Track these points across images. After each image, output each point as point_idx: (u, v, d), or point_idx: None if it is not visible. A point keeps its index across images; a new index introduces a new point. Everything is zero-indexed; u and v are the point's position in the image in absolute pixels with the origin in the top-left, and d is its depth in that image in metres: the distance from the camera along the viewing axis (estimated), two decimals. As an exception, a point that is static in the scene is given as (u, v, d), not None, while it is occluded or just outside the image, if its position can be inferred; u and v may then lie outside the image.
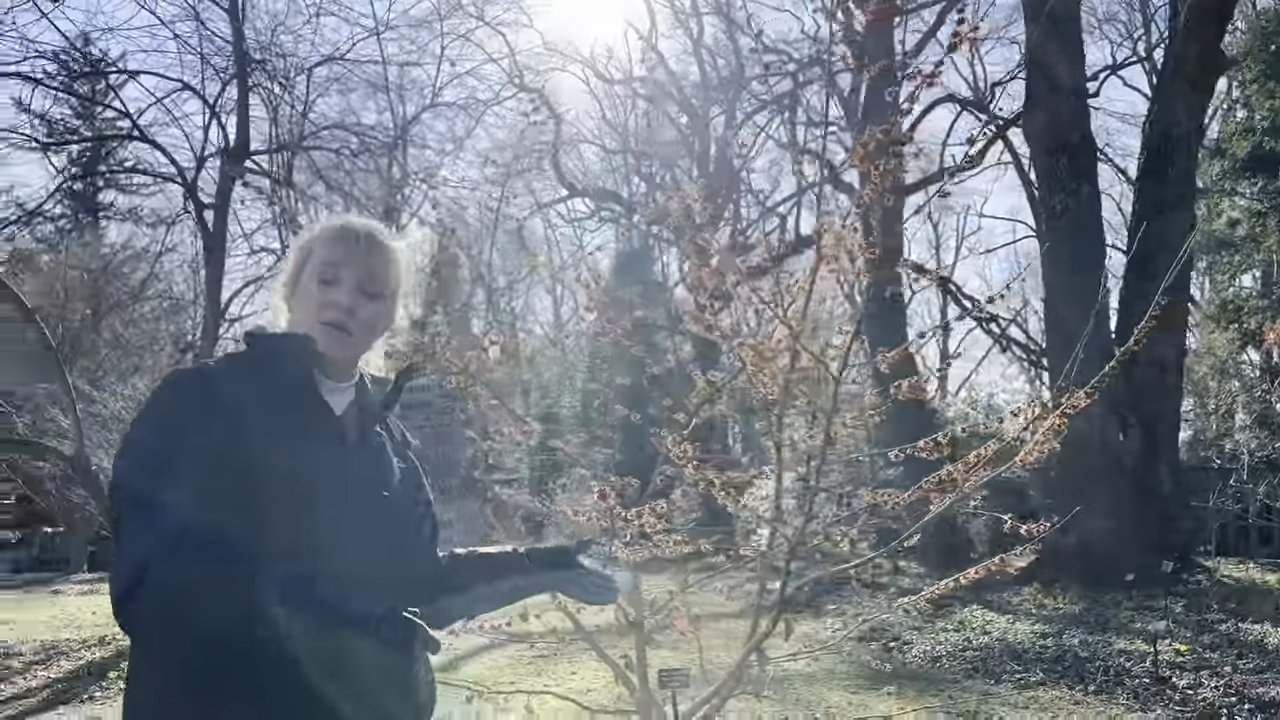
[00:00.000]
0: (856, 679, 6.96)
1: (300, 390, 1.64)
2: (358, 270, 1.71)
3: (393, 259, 1.78)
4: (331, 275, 1.69)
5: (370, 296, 1.73)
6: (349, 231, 1.72)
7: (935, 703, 6.04)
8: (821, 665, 7.45)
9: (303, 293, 1.70)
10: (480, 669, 7.73)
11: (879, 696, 6.33)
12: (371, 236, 1.74)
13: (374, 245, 1.74)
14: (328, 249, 1.70)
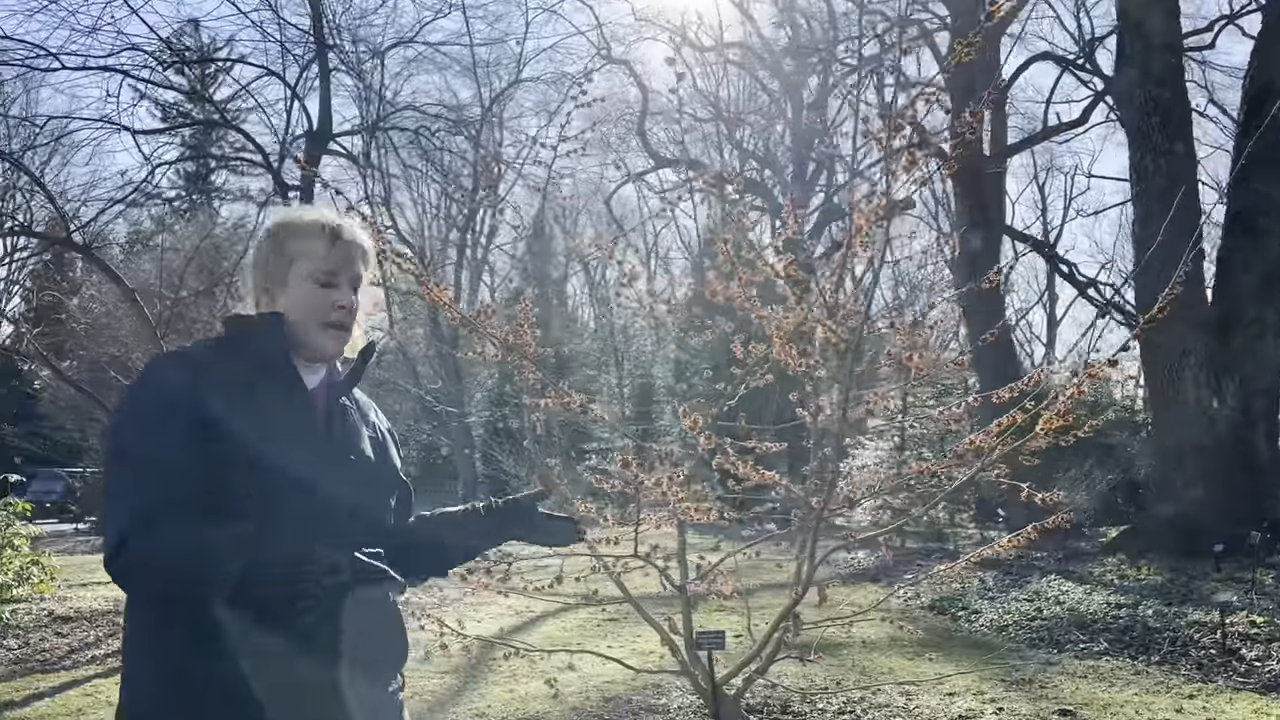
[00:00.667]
0: (919, 646, 6.97)
1: (278, 369, 1.79)
2: (350, 272, 1.86)
3: (370, 254, 1.94)
4: (329, 280, 1.83)
5: (356, 291, 1.89)
6: (342, 236, 1.84)
7: (991, 670, 6.02)
8: (885, 632, 7.47)
9: (295, 292, 1.81)
10: (553, 629, 7.99)
11: (936, 663, 6.34)
12: (356, 238, 1.88)
13: (359, 246, 1.89)
14: (323, 252, 1.81)
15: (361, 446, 1.88)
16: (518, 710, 5.26)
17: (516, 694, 5.61)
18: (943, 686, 5.61)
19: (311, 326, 1.81)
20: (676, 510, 3.97)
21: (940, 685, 5.64)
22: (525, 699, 5.52)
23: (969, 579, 10.00)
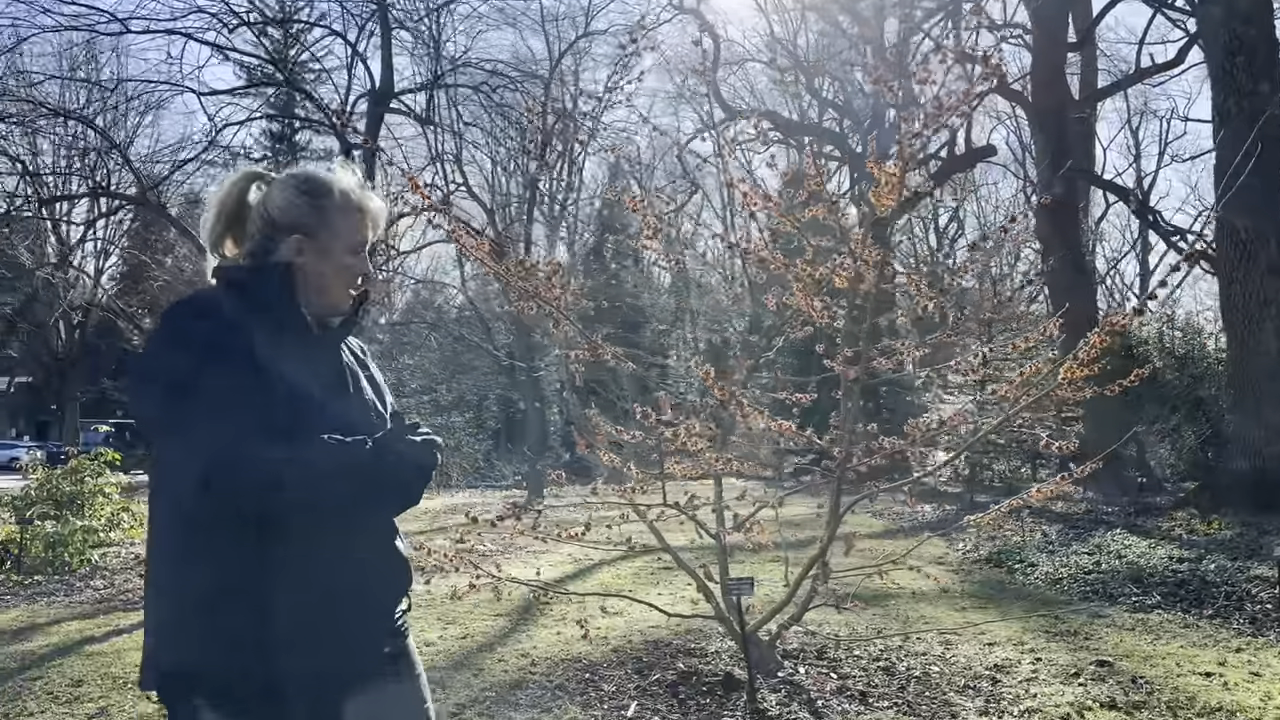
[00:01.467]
0: (969, 598, 6.97)
1: (290, 315, 1.91)
2: (370, 240, 2.02)
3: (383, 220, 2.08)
4: (363, 248, 1.98)
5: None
6: (377, 216, 1.98)
7: (1036, 622, 6.00)
8: (938, 584, 7.48)
9: (328, 254, 1.92)
10: (608, 576, 8.17)
11: (984, 614, 6.34)
12: (380, 210, 2.01)
13: (382, 215, 2.03)
14: (363, 225, 1.96)
15: (362, 385, 2.01)
16: (562, 651, 5.44)
17: (563, 636, 5.80)
18: (984, 636, 5.63)
19: (339, 290, 1.96)
20: (701, 461, 4.06)
21: (981, 635, 5.67)
22: (570, 640, 5.70)
23: (1031, 532, 9.90)
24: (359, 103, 11.01)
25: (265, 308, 1.85)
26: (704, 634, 5.67)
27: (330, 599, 1.78)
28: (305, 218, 1.91)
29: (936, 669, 4.96)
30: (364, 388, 2.00)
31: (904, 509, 13.94)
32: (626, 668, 5.12)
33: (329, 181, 1.96)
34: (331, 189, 1.95)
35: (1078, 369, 3.39)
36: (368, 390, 2.01)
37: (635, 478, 4.14)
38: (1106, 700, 4.36)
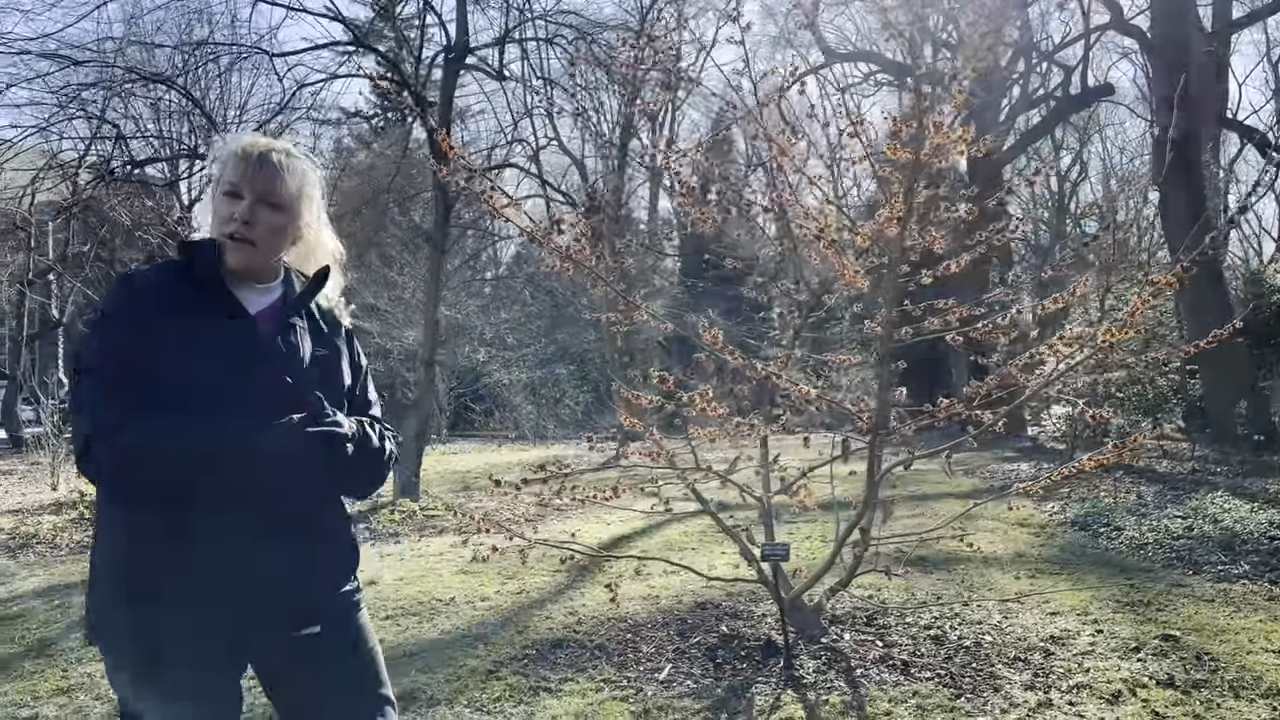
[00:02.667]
0: (1044, 562, 6.70)
1: (210, 289, 1.94)
2: (257, 186, 1.98)
3: (287, 172, 2.03)
4: (235, 190, 1.97)
5: (272, 207, 2.00)
6: (247, 152, 1.98)
7: (1108, 591, 5.73)
8: (1012, 548, 7.23)
9: (213, 206, 1.99)
10: (675, 533, 8.16)
11: (1054, 580, 6.09)
12: (267, 154, 2.00)
13: (266, 163, 1.99)
14: (231, 168, 1.98)
15: (301, 362, 2.00)
16: (610, 610, 5.45)
17: (617, 594, 5.80)
18: (1047, 605, 5.41)
19: (217, 235, 1.96)
20: (728, 427, 3.96)
21: (1045, 603, 5.44)
22: (621, 599, 5.70)
23: (1126, 493, 9.46)
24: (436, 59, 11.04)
25: (196, 279, 1.92)
26: (755, 596, 5.60)
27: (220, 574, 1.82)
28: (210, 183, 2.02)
29: (990, 638, 4.79)
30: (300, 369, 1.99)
31: (999, 466, 13.53)
32: (670, 629, 5.10)
33: (231, 138, 2.04)
34: (226, 143, 2.01)
35: (1119, 331, 3.15)
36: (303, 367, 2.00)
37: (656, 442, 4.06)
38: (1164, 677, 4.13)
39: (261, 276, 2.01)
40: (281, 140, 2.08)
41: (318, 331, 2.08)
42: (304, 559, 1.94)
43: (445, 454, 19.88)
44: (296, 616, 1.95)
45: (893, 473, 4.52)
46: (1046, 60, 26.32)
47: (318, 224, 2.12)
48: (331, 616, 2.01)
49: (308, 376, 1.98)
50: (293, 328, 2.02)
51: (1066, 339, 3.63)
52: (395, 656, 4.81)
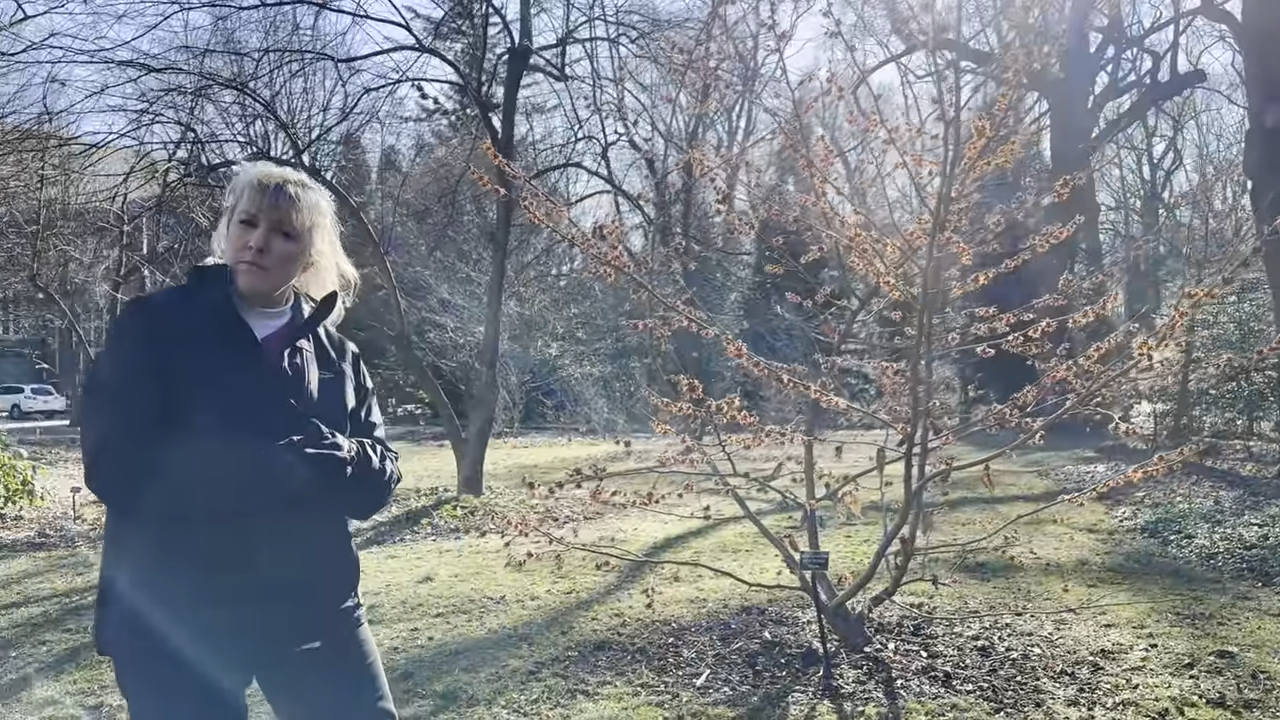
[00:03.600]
0: (1107, 571, 6.52)
1: (220, 313, 2.01)
2: (271, 215, 2.05)
3: (302, 204, 2.11)
4: (251, 219, 2.04)
5: (286, 237, 2.07)
6: (263, 183, 2.05)
7: (1169, 602, 5.55)
8: (1075, 555, 7.06)
9: (229, 232, 2.06)
10: (730, 534, 8.15)
11: (1114, 590, 5.93)
12: (283, 186, 2.07)
13: (282, 194, 2.07)
14: (247, 197, 2.05)
15: (306, 386, 2.06)
16: (656, 612, 5.47)
17: (663, 595, 5.82)
18: (1103, 617, 5.27)
19: (231, 262, 2.04)
20: (761, 432, 3.94)
21: (1101, 615, 5.30)
22: (667, 601, 5.73)
23: (1203, 498, 9.14)
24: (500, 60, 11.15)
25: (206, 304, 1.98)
26: (802, 601, 5.56)
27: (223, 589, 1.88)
28: (224, 202, 2.10)
29: (1038, 651, 4.68)
30: (306, 392, 2.04)
31: (1075, 468, 13.19)
32: (713, 634, 5.10)
33: (246, 166, 2.10)
34: (241, 172, 2.08)
35: (1154, 345, 3.06)
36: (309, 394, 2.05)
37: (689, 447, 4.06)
38: (1215, 696, 4.00)
39: (271, 302, 2.08)
40: (295, 171, 2.16)
41: (324, 355, 2.15)
42: (306, 576, 2.00)
43: (516, 448, 20.13)
44: (298, 633, 2.01)
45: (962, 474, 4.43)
46: (1135, 46, 25.46)
47: (330, 251, 2.20)
48: (332, 632, 2.07)
49: (312, 399, 2.04)
50: (299, 351, 2.08)
51: (1096, 349, 3.53)
52: (441, 655, 4.91)
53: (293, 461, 1.84)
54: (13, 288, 30.68)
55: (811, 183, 3.75)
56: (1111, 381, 3.44)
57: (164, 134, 13.62)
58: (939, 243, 3.30)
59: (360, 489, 2.03)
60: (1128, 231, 40.90)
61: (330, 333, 2.20)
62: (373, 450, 2.06)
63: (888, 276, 3.63)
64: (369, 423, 2.21)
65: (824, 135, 3.88)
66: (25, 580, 7.13)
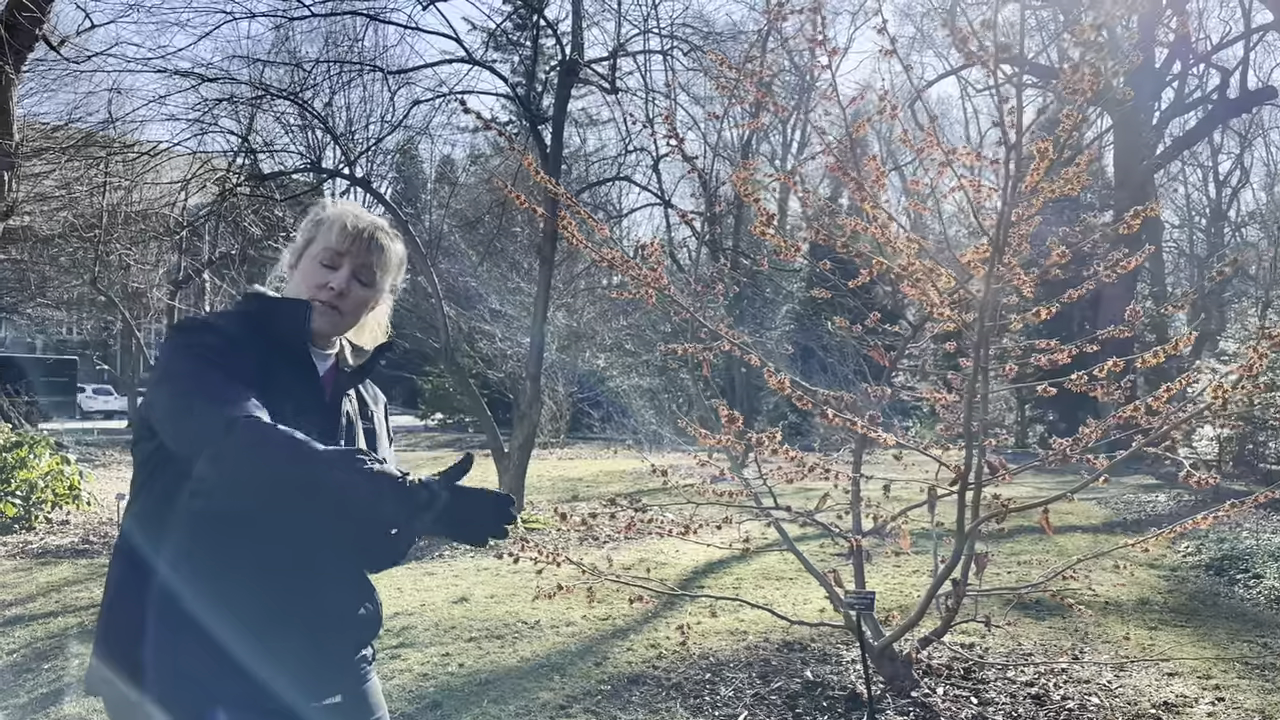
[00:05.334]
0: (1170, 612, 6.21)
1: (296, 349, 1.91)
2: (355, 260, 1.98)
3: (387, 256, 2.04)
4: (332, 261, 1.96)
5: (363, 284, 1.99)
6: (357, 228, 1.97)
7: (1237, 649, 5.24)
8: (1135, 593, 6.74)
9: (305, 268, 1.97)
10: (772, 560, 7.93)
11: (1178, 634, 5.63)
12: (374, 234, 2.00)
13: (374, 242, 2.01)
14: (334, 238, 1.96)
15: (356, 435, 2.00)
16: (693, 644, 5.29)
17: (700, 627, 5.64)
18: (1167, 664, 4.98)
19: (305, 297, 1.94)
20: (805, 467, 3.76)
21: (1164, 662, 5.02)
22: (705, 633, 5.54)
23: (1272, 533, 8.73)
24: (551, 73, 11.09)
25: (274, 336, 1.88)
26: (847, 638, 5.35)
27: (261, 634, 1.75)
28: (301, 235, 2.02)
29: (1095, 700, 4.43)
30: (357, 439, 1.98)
31: (1135, 496, 12.75)
32: (752, 670, 4.91)
33: (332, 204, 2.03)
34: (328, 208, 2.01)
35: (1230, 389, 2.83)
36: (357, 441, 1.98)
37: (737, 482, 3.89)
38: (1290, 763, 3.73)
39: (325, 344, 2.00)
40: (382, 219, 2.09)
41: (363, 405, 2.09)
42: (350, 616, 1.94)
43: (561, 459, 20.07)
44: (324, 682, 1.89)
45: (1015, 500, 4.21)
46: (1203, 62, 24.81)
47: (388, 304, 2.15)
48: (352, 684, 1.97)
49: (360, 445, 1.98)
50: (347, 398, 2.00)
51: (1174, 389, 3.30)
52: (472, 684, 4.78)
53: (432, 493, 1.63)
54: (76, 291, 31.34)
55: (862, 206, 3.56)
56: (1182, 423, 3.20)
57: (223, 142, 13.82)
58: (997, 272, 3.10)
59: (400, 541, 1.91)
60: (1192, 251, 39.91)
61: (367, 383, 2.14)
62: None
63: (942, 307, 3.43)
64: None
65: (876, 155, 3.69)
66: (65, 588, 7.14)
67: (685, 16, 14.57)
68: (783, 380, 3.21)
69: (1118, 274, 3.75)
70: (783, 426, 4.01)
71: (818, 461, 3.59)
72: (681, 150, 4.95)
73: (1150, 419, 3.52)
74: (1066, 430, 8.13)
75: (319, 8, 9.95)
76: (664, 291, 4.15)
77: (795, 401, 3.33)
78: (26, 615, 6.36)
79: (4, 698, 4.77)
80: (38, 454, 9.93)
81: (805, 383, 4.10)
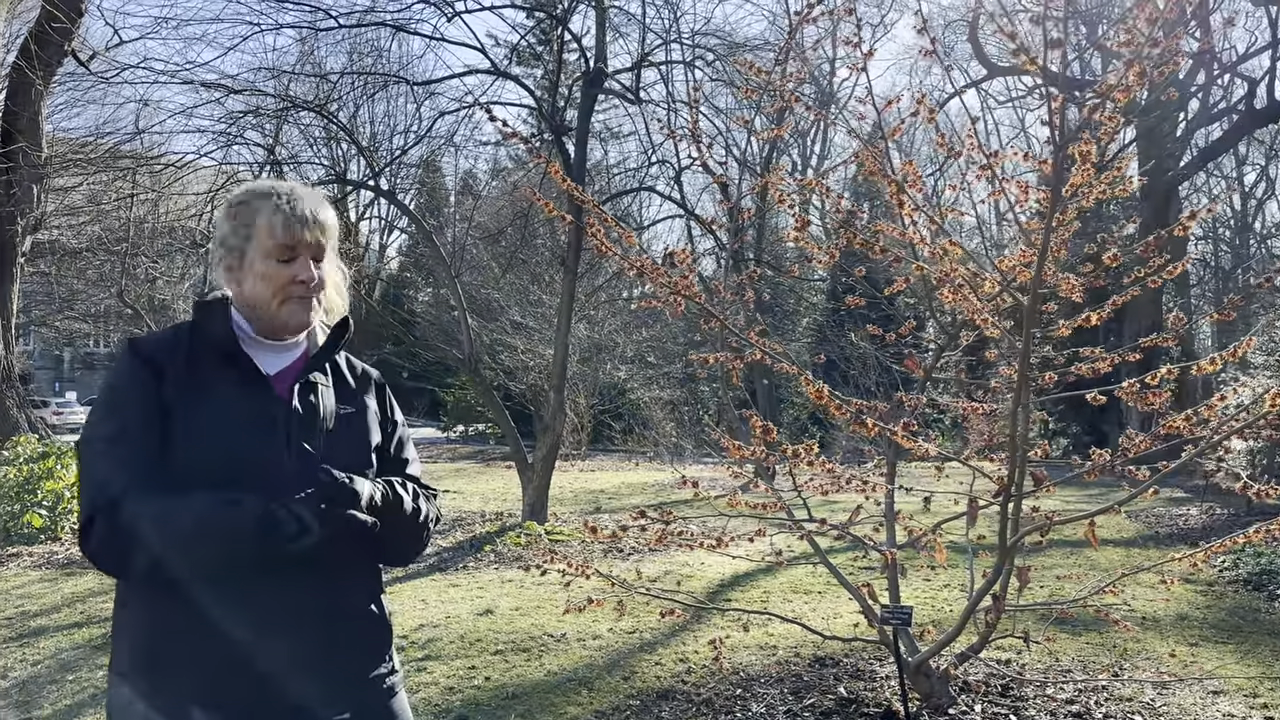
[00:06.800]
0: (1210, 628, 6.06)
1: (229, 353, 1.82)
2: (310, 246, 1.87)
3: (331, 226, 1.92)
4: (288, 255, 1.84)
5: (319, 262, 1.89)
6: (299, 216, 1.84)
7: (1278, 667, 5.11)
8: (1173, 608, 6.59)
9: (262, 270, 1.83)
10: (801, 572, 7.82)
11: (1220, 650, 5.48)
12: (315, 215, 1.87)
13: (318, 220, 1.88)
14: (281, 233, 1.82)
15: (320, 425, 1.87)
16: (724, 657, 5.19)
17: (730, 641, 5.54)
18: (1211, 682, 4.85)
19: (272, 304, 1.84)
20: (840, 479, 3.67)
21: (1209, 679, 4.88)
22: (735, 647, 5.44)
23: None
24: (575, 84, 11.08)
25: (208, 343, 1.80)
26: (880, 653, 5.25)
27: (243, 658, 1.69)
28: (230, 235, 1.84)
29: (1139, 719, 4.30)
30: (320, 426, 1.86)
31: (1166, 510, 12.54)
32: (784, 686, 4.81)
33: (249, 191, 1.88)
34: (249, 198, 1.85)
35: None
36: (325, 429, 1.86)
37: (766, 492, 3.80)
38: (1347, 786, 3.59)
39: (279, 334, 1.88)
40: (304, 186, 1.97)
41: (343, 388, 1.96)
42: (329, 641, 1.80)
43: (583, 471, 19.98)
44: (323, 703, 1.80)
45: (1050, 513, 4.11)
46: (1229, 72, 24.53)
47: (335, 268, 1.97)
48: (362, 703, 1.86)
49: (331, 438, 1.86)
50: (314, 386, 1.89)
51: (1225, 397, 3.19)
52: (498, 698, 4.71)
53: (306, 518, 1.64)
54: (103, 303, 31.59)
55: (897, 210, 3.48)
56: (1235, 434, 3.09)
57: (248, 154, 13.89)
58: (1043, 276, 3.01)
59: (393, 537, 1.84)
60: (1217, 263, 39.51)
61: (351, 362, 2.02)
62: (404, 490, 1.87)
63: (983, 313, 3.34)
64: (400, 459, 2.02)
65: (912, 160, 3.61)
66: (91, 599, 7.13)
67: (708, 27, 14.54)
68: (821, 389, 3.12)
69: (1162, 279, 3.65)
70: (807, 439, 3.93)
71: (855, 474, 3.50)
72: (705, 164, 4.89)
73: (1196, 429, 3.42)
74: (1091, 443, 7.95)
75: (346, 19, 9.97)
76: (694, 299, 4.08)
77: (833, 411, 3.24)
78: (51, 626, 6.34)
79: (28, 709, 4.73)
80: (64, 465, 9.94)
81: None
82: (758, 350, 4.14)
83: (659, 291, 4.25)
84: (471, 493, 14.80)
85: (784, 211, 3.60)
